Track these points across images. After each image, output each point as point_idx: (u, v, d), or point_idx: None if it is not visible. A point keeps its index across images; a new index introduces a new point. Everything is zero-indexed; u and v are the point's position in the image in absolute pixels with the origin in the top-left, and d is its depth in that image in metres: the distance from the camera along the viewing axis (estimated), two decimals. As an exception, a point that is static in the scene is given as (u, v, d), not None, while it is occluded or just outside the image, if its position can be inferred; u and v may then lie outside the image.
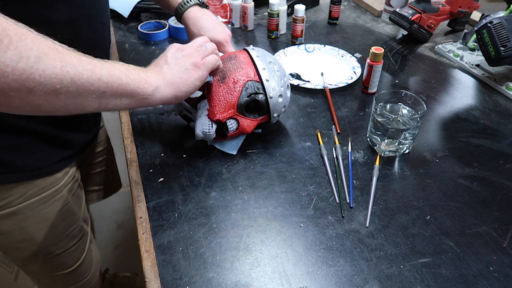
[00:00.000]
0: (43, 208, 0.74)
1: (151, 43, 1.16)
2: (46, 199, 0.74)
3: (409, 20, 1.12)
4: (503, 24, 0.90)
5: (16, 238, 0.75)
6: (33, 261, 0.81)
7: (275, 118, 0.76)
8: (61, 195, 0.76)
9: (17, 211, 0.71)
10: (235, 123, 0.72)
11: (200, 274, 0.57)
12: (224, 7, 1.26)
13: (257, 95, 0.71)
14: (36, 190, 0.71)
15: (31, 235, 0.76)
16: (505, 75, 1.01)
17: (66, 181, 0.77)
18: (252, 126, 0.74)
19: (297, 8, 1.10)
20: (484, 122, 0.87)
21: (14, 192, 0.69)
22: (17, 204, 0.70)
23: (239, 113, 0.71)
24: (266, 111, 0.73)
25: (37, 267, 0.84)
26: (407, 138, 0.75)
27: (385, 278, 0.56)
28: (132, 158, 0.76)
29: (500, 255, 0.60)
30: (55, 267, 0.85)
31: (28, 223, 0.74)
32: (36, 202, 0.72)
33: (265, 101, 0.72)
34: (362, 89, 0.96)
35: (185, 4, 0.81)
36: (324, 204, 0.67)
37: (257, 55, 0.73)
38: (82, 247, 0.88)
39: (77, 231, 0.84)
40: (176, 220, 0.64)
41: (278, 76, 0.73)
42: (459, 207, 0.67)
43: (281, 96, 0.73)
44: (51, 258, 0.82)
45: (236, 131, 0.73)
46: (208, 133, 0.71)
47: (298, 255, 0.59)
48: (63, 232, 0.81)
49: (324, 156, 0.76)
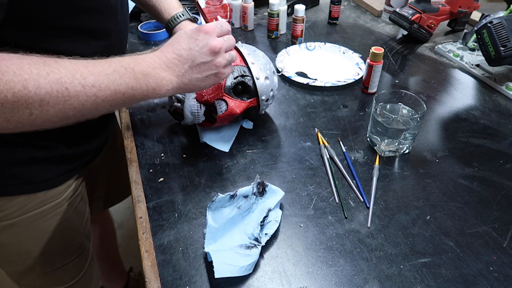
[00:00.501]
0: (42, 222, 0.73)
1: (151, 43, 1.16)
2: (46, 213, 0.73)
3: (409, 20, 1.12)
4: (503, 24, 0.90)
5: (12, 251, 0.74)
6: (28, 274, 0.80)
7: (263, 103, 0.77)
8: (62, 210, 0.75)
9: (15, 224, 0.70)
10: (224, 104, 0.73)
11: (200, 274, 0.57)
12: (224, 7, 1.26)
13: (244, 77, 0.74)
14: (37, 203, 0.70)
15: (28, 249, 0.75)
16: (505, 75, 1.01)
17: (68, 195, 0.76)
18: (241, 107, 0.75)
19: (297, 8, 1.10)
20: (484, 122, 0.87)
21: (13, 204, 0.68)
22: (16, 217, 0.69)
23: (227, 94, 0.73)
24: (254, 94, 0.76)
25: (32, 281, 0.83)
26: (407, 138, 0.75)
27: (385, 278, 0.56)
28: (132, 158, 0.76)
29: (500, 255, 0.60)
30: (51, 282, 0.84)
31: (25, 237, 0.73)
32: (36, 216, 0.71)
33: (253, 83, 0.75)
34: (362, 89, 0.96)
35: (177, 19, 0.82)
36: (324, 204, 0.67)
37: (242, 46, 0.77)
38: (80, 264, 0.86)
39: (75, 248, 0.83)
40: (176, 220, 0.64)
41: (263, 62, 0.77)
42: (459, 207, 0.67)
43: (268, 79, 0.76)
44: (47, 273, 0.81)
45: (225, 113, 0.74)
46: (197, 114, 0.72)
47: (298, 255, 0.59)
48: (61, 247, 0.80)
49: (324, 156, 0.76)
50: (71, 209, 0.78)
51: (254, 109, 0.78)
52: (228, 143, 0.78)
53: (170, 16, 0.83)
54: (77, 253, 0.84)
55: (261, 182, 0.64)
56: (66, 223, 0.77)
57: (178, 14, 0.82)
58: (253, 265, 0.57)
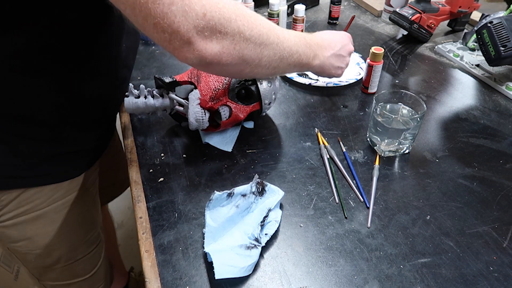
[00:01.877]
0: (67, 212, 0.74)
1: (151, 43, 1.16)
2: (71, 202, 0.74)
3: (409, 20, 1.12)
4: (503, 24, 0.90)
5: (39, 243, 0.75)
6: (52, 268, 0.81)
7: (266, 106, 0.78)
8: (84, 200, 0.77)
9: (43, 214, 0.71)
10: (228, 110, 0.74)
11: (200, 274, 0.57)
12: (224, 7, 1.26)
13: (247, 82, 0.74)
14: (63, 192, 0.72)
15: (54, 240, 0.76)
16: (505, 75, 1.01)
17: (89, 185, 0.77)
18: (245, 112, 0.75)
19: (297, 8, 1.10)
20: (484, 122, 0.87)
21: (42, 194, 0.69)
22: (45, 207, 0.71)
23: (231, 100, 0.73)
24: (257, 98, 0.76)
25: (56, 275, 0.83)
26: (407, 138, 0.75)
27: (385, 278, 0.56)
28: (132, 158, 0.76)
29: (500, 255, 0.60)
30: (74, 273, 0.85)
31: (52, 227, 0.74)
32: (62, 205, 0.73)
33: (256, 88, 0.75)
34: (362, 89, 0.96)
35: None
36: (324, 204, 0.67)
37: None
38: (99, 253, 0.88)
39: (95, 237, 0.85)
40: (176, 220, 0.64)
41: None
42: (459, 207, 0.67)
43: (270, 83, 0.76)
44: (71, 264, 0.82)
45: (229, 119, 0.74)
46: (202, 120, 0.72)
47: (298, 255, 0.59)
48: (83, 237, 0.81)
49: (324, 156, 0.76)
50: (90, 199, 0.80)
51: (257, 112, 0.79)
52: (230, 143, 0.78)
53: None
54: (96, 242, 0.86)
55: (260, 181, 0.64)
56: (86, 212, 0.79)
57: None
58: (253, 266, 0.56)
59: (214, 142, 0.78)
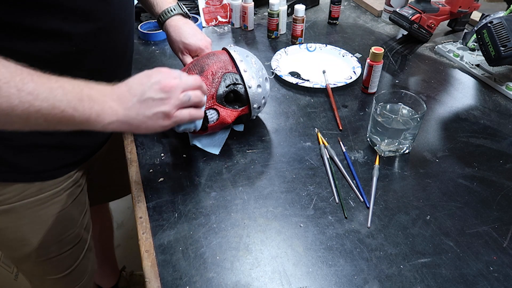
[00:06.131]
0: (39, 210, 0.73)
1: (151, 43, 1.16)
2: (43, 201, 0.73)
3: (409, 20, 1.12)
4: (503, 24, 0.90)
5: (9, 236, 0.75)
6: (24, 261, 0.81)
7: (255, 110, 0.77)
8: (59, 199, 0.76)
9: (12, 209, 0.70)
10: (215, 113, 0.73)
11: (200, 274, 0.57)
12: (224, 7, 1.26)
13: (236, 85, 0.73)
14: (34, 190, 0.71)
15: (24, 235, 0.75)
16: (505, 75, 1.01)
17: (67, 186, 0.76)
18: (233, 116, 0.74)
19: (297, 8, 1.10)
20: (484, 122, 0.87)
21: (11, 189, 0.69)
22: (13, 202, 0.70)
23: (219, 103, 0.73)
24: (246, 102, 0.75)
25: (29, 268, 0.84)
26: (407, 138, 0.75)
27: (385, 278, 0.56)
28: (132, 158, 0.76)
29: (500, 255, 0.60)
30: (46, 270, 0.85)
31: (22, 223, 0.73)
32: (33, 203, 0.72)
33: (244, 92, 0.74)
34: (362, 89, 0.96)
35: (168, 13, 0.82)
36: (324, 204, 0.67)
37: (235, 50, 0.76)
38: (75, 254, 0.86)
39: (72, 238, 0.83)
40: (176, 220, 0.64)
41: (255, 68, 0.75)
42: (459, 207, 0.67)
43: (260, 87, 0.75)
44: (42, 261, 0.81)
45: (216, 122, 0.73)
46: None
47: (298, 255, 0.59)
48: (57, 237, 0.80)
49: (324, 156, 0.76)
50: (70, 199, 0.78)
51: (246, 116, 0.77)
52: (218, 146, 0.78)
53: (162, 10, 0.82)
54: (73, 243, 0.84)
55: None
56: (63, 212, 0.77)
57: (170, 8, 0.82)
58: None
59: (203, 144, 0.77)
